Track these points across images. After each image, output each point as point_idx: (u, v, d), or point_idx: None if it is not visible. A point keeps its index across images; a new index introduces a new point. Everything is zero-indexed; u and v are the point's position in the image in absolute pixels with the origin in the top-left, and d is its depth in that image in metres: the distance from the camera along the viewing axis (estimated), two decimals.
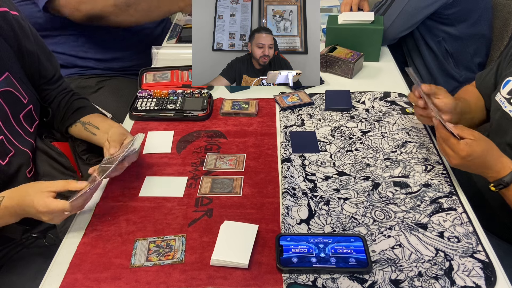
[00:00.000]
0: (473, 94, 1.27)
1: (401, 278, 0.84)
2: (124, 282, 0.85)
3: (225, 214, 0.99)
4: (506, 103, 1.09)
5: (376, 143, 1.19)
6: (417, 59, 1.83)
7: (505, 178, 0.94)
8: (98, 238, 0.94)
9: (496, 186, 0.95)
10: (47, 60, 1.19)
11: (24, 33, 1.10)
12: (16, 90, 1.08)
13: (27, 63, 1.12)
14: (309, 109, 1.34)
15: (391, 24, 1.62)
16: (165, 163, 1.15)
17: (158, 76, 1.49)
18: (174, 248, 0.91)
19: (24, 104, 1.10)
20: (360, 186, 1.05)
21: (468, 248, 0.89)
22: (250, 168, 1.13)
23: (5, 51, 1.06)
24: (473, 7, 1.67)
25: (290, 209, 0.99)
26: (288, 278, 0.84)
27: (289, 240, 0.90)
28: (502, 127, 1.10)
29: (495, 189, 0.96)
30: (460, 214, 0.97)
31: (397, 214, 0.98)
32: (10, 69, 1.07)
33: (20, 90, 1.09)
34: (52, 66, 1.22)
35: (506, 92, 1.10)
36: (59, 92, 1.23)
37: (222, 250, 0.88)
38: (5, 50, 1.06)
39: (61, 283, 0.85)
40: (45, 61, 1.18)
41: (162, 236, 0.94)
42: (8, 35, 1.06)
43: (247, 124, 1.29)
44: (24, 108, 1.10)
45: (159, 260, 0.88)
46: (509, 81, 1.11)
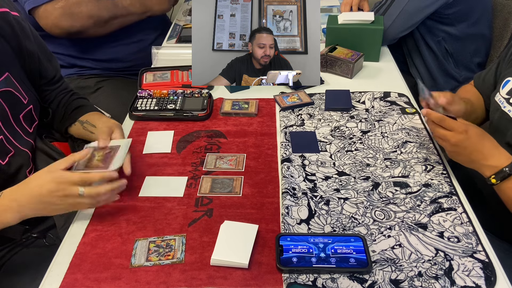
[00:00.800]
0: (473, 93, 1.27)
1: (401, 278, 0.84)
2: (124, 282, 0.85)
3: (225, 214, 0.99)
4: (505, 103, 1.09)
5: (376, 143, 1.19)
6: (417, 59, 1.83)
7: (507, 168, 0.92)
8: (98, 238, 0.94)
9: (497, 178, 0.93)
10: (47, 61, 1.19)
11: (24, 34, 1.10)
12: (16, 90, 1.08)
13: (27, 63, 1.12)
14: (309, 109, 1.34)
15: (391, 24, 1.62)
16: (165, 163, 1.15)
17: (158, 76, 1.49)
18: (174, 248, 0.91)
19: (24, 105, 1.10)
20: (360, 186, 1.05)
21: (468, 248, 0.89)
22: (250, 168, 1.13)
23: (5, 52, 1.06)
24: (473, 7, 1.67)
25: (290, 209, 0.99)
26: (288, 278, 0.84)
27: (289, 240, 0.90)
28: (501, 126, 1.10)
29: (495, 181, 0.93)
30: (460, 214, 0.97)
31: (397, 214, 0.98)
32: (10, 69, 1.07)
33: (20, 90, 1.09)
34: (53, 66, 1.22)
35: (506, 92, 1.10)
36: (59, 92, 1.24)
37: (222, 250, 0.88)
38: (6, 50, 1.06)
39: (61, 283, 0.85)
40: (45, 61, 1.18)
41: (162, 236, 0.94)
42: (9, 36, 1.06)
43: (247, 124, 1.29)
44: (24, 108, 1.10)
45: (159, 260, 0.89)
46: (508, 81, 1.11)
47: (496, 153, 0.94)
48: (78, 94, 1.27)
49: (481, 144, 0.95)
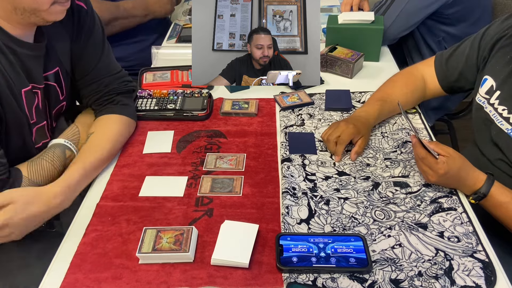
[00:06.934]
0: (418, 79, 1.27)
1: (401, 278, 0.84)
2: (125, 282, 0.85)
3: (225, 213, 0.99)
4: (486, 104, 1.10)
5: (376, 143, 1.19)
6: (417, 59, 1.82)
7: (481, 190, 0.97)
8: (98, 238, 0.94)
9: (475, 199, 0.98)
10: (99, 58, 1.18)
11: (88, 29, 1.12)
12: (59, 86, 1.11)
13: (77, 58, 1.14)
14: (309, 109, 1.34)
15: (391, 24, 1.62)
16: (165, 163, 1.15)
17: (158, 76, 1.49)
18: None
19: (59, 100, 1.13)
20: (360, 186, 1.06)
21: (468, 247, 0.90)
22: (250, 168, 1.13)
23: (63, 45, 1.08)
24: (473, 7, 1.67)
25: (290, 209, 0.99)
26: (288, 277, 0.84)
27: (289, 240, 0.90)
28: (485, 127, 1.12)
29: (474, 201, 0.99)
30: (460, 214, 0.97)
31: (397, 214, 0.98)
32: (61, 64, 1.09)
33: (62, 86, 1.12)
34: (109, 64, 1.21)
35: (484, 92, 1.11)
36: (91, 91, 1.20)
37: (223, 250, 0.88)
38: (64, 44, 1.08)
39: (61, 283, 0.85)
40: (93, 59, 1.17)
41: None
42: (71, 29, 1.08)
43: (247, 124, 1.30)
44: (58, 103, 1.13)
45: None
46: (486, 79, 1.11)
47: (472, 177, 0.99)
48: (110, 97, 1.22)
49: (458, 177, 0.99)
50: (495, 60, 1.10)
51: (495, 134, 1.08)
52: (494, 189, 0.97)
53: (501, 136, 1.06)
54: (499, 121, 1.06)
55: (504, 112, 1.05)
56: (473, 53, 1.17)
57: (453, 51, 1.23)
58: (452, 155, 0.98)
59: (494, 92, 1.08)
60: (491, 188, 0.97)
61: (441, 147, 0.99)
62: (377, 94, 1.26)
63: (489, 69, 1.11)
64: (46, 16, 0.95)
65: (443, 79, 1.24)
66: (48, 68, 1.07)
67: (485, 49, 1.14)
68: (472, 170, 0.99)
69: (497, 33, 1.11)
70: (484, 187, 0.97)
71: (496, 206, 0.97)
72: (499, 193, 0.97)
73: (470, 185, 0.99)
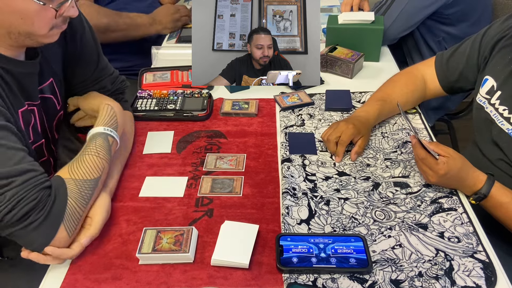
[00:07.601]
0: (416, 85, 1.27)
1: (402, 278, 0.84)
2: (125, 283, 0.85)
3: (225, 214, 0.99)
4: (487, 104, 1.10)
5: (376, 143, 1.19)
6: (417, 59, 1.82)
7: (482, 190, 0.97)
8: (98, 238, 0.94)
9: (475, 199, 0.98)
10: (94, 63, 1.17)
11: (81, 33, 1.11)
12: (55, 97, 1.09)
13: (71, 65, 1.12)
14: (309, 109, 1.34)
15: (391, 24, 1.62)
16: (165, 163, 1.15)
17: (158, 76, 1.49)
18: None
19: (57, 110, 1.12)
20: (360, 186, 1.05)
21: (469, 248, 0.89)
22: (250, 168, 1.12)
23: (55, 54, 1.06)
24: (473, 7, 1.67)
25: (290, 209, 0.99)
26: (288, 278, 0.84)
27: (289, 240, 0.90)
28: (486, 127, 1.12)
29: (475, 202, 0.99)
30: (461, 214, 0.97)
31: (397, 214, 0.98)
32: (54, 74, 1.08)
33: (57, 96, 1.10)
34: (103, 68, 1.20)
35: (485, 92, 1.11)
36: None
37: (223, 250, 0.88)
38: (55, 53, 1.06)
39: (61, 283, 0.85)
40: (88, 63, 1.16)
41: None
42: (63, 36, 1.04)
43: (247, 124, 1.29)
44: (56, 114, 1.12)
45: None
46: (486, 79, 1.11)
47: (472, 178, 0.99)
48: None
49: (458, 178, 0.99)
50: (495, 60, 1.10)
51: (496, 134, 1.08)
52: (494, 189, 0.97)
53: (502, 136, 1.06)
54: (499, 121, 1.06)
55: (504, 112, 1.05)
56: (474, 53, 1.17)
57: (453, 52, 1.23)
58: (452, 156, 0.98)
59: (494, 92, 1.08)
60: (491, 188, 0.97)
61: (441, 148, 0.99)
62: (377, 94, 1.26)
63: (489, 69, 1.11)
64: (42, 39, 0.93)
65: (444, 79, 1.24)
66: (43, 81, 1.05)
67: (485, 49, 1.14)
68: (472, 170, 0.99)
69: (497, 33, 1.11)
70: (485, 187, 0.97)
71: (496, 207, 0.97)
72: (500, 194, 0.97)
73: (470, 185, 0.99)
